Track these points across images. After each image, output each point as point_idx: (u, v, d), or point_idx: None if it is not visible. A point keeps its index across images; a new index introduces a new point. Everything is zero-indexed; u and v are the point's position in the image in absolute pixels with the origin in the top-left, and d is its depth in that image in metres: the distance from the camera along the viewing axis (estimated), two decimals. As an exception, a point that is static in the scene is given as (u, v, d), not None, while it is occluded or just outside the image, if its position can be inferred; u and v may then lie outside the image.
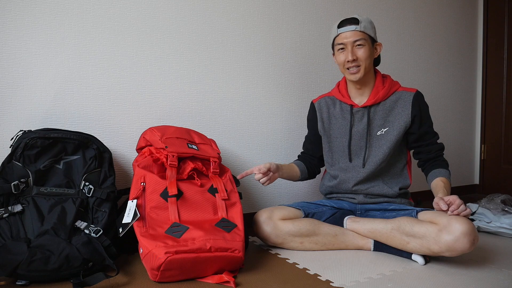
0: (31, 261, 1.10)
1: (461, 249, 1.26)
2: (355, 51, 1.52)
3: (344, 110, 1.65)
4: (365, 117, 1.60)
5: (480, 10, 2.87)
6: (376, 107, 1.59)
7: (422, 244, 1.33)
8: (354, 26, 1.51)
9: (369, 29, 1.54)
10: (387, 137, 1.58)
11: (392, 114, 1.58)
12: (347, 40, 1.52)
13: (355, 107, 1.61)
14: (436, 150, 1.60)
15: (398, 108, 1.58)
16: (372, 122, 1.59)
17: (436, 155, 1.59)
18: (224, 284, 1.18)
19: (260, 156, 1.95)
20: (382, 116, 1.59)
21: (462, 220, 1.27)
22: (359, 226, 1.51)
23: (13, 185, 1.27)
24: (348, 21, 1.53)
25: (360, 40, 1.52)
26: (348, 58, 1.52)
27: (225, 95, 1.87)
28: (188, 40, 1.77)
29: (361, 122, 1.61)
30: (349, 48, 1.52)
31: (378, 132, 1.59)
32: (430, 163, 1.59)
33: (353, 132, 1.62)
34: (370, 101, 1.58)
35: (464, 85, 2.83)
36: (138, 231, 1.24)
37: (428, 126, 1.59)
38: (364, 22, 1.52)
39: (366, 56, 1.52)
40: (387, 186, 1.59)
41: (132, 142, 1.66)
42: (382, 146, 1.58)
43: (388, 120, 1.59)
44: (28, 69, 1.48)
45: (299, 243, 1.51)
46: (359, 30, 1.51)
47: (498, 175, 2.78)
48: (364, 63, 1.53)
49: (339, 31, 1.54)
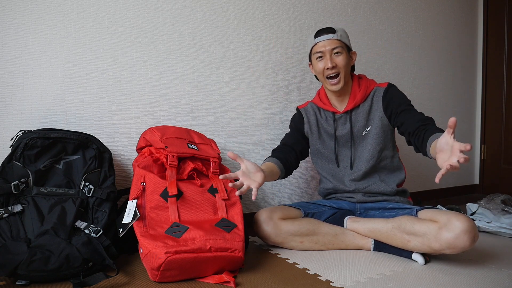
0: (31, 261, 1.10)
1: (462, 246, 1.26)
2: (333, 58, 1.55)
3: (327, 117, 1.68)
4: (348, 121, 1.63)
5: (480, 10, 2.87)
6: (356, 110, 1.62)
7: (423, 242, 1.33)
8: (331, 35, 1.55)
9: (345, 37, 1.58)
10: (371, 135, 1.60)
11: (372, 112, 1.61)
12: (325, 48, 1.55)
13: (337, 113, 1.64)
14: (423, 119, 1.43)
15: (375, 105, 1.60)
16: (355, 125, 1.62)
17: (424, 123, 1.40)
18: (224, 284, 1.18)
19: (260, 156, 1.95)
20: (364, 117, 1.61)
21: (462, 217, 1.28)
22: (359, 225, 1.51)
23: (13, 185, 1.27)
24: (325, 30, 1.57)
25: (338, 48, 1.55)
26: (328, 65, 1.54)
27: (225, 95, 1.87)
28: (188, 40, 1.77)
29: (345, 127, 1.64)
30: (327, 56, 1.55)
31: (363, 133, 1.62)
32: (421, 132, 1.38)
33: (338, 138, 1.65)
34: (349, 105, 1.62)
35: (464, 85, 2.83)
36: (138, 231, 1.24)
37: (406, 106, 1.52)
38: (339, 31, 1.57)
39: (344, 64, 1.55)
40: (384, 183, 1.60)
41: (132, 142, 1.66)
42: (367, 145, 1.61)
43: (370, 119, 1.61)
44: (28, 69, 1.48)
45: (299, 242, 1.51)
46: (336, 39, 1.55)
47: (498, 175, 2.78)
48: (343, 70, 1.55)
49: (317, 40, 1.57)
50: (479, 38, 2.88)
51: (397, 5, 2.44)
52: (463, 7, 2.80)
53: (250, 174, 1.32)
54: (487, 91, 2.85)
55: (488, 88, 2.84)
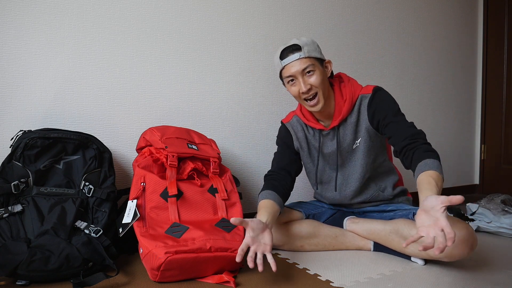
0: (31, 261, 1.10)
1: (459, 255, 1.25)
2: (306, 80, 1.38)
3: (314, 132, 1.55)
4: (335, 138, 1.50)
5: (480, 10, 2.87)
6: (344, 124, 1.48)
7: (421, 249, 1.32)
8: (298, 54, 1.37)
9: (313, 51, 1.39)
10: (360, 147, 1.48)
11: (359, 123, 1.47)
12: (295, 71, 1.38)
13: (324, 130, 1.51)
14: (411, 135, 1.32)
15: (362, 115, 1.46)
16: (344, 140, 1.49)
17: (413, 140, 1.31)
18: (224, 284, 1.18)
19: (260, 156, 1.95)
20: (352, 130, 1.48)
21: (460, 225, 1.25)
22: (358, 227, 1.51)
23: (13, 185, 1.27)
24: (289, 50, 1.39)
25: (309, 67, 1.37)
26: (302, 89, 1.38)
27: (225, 95, 1.87)
28: (188, 40, 1.77)
29: (332, 143, 1.51)
30: (299, 79, 1.38)
31: (354, 146, 1.49)
32: (409, 152, 1.30)
33: (325, 155, 1.54)
34: (336, 121, 1.47)
35: (464, 85, 2.83)
36: (138, 231, 1.24)
37: (392, 116, 1.39)
38: (306, 46, 1.38)
39: (320, 81, 1.39)
40: (381, 191, 1.55)
41: (132, 142, 1.66)
42: (357, 160, 1.50)
43: (358, 130, 1.48)
44: (28, 69, 1.48)
45: (299, 246, 1.51)
46: (304, 57, 1.37)
47: (498, 175, 2.78)
48: (320, 89, 1.39)
49: (283, 63, 1.39)
50: (479, 38, 2.88)
51: (397, 5, 2.44)
52: (463, 7, 2.80)
53: (258, 237, 1.21)
54: (487, 91, 2.85)
55: (488, 88, 2.84)
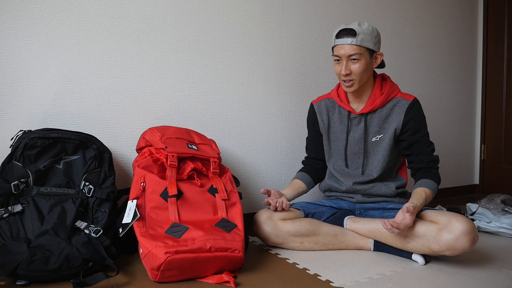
0: (31, 261, 1.10)
1: (462, 248, 1.26)
2: (349, 65, 1.47)
3: (342, 114, 1.64)
4: (362, 123, 1.58)
5: (480, 10, 2.87)
6: (373, 114, 1.57)
7: (423, 243, 1.33)
8: (350, 39, 1.45)
9: (367, 41, 1.46)
10: (382, 144, 1.57)
11: (388, 121, 1.56)
12: (342, 54, 1.47)
13: (352, 113, 1.60)
14: (428, 161, 1.53)
15: (393, 115, 1.55)
16: (368, 128, 1.58)
17: (428, 166, 1.52)
18: (224, 284, 1.18)
19: (260, 156, 1.95)
20: (378, 123, 1.57)
21: (462, 219, 1.28)
22: (359, 226, 1.51)
23: (13, 185, 1.27)
24: (345, 33, 1.47)
25: (355, 55, 1.45)
26: (342, 72, 1.48)
27: (225, 95, 1.87)
28: (188, 40, 1.77)
29: (358, 128, 1.59)
30: (343, 62, 1.48)
31: (373, 139, 1.58)
32: (421, 173, 1.52)
33: (349, 138, 1.61)
34: (367, 108, 1.56)
35: (464, 85, 2.83)
36: (138, 231, 1.24)
37: (421, 135, 1.54)
38: (361, 34, 1.45)
39: (361, 71, 1.47)
40: (385, 187, 1.58)
41: (132, 142, 1.66)
42: (377, 153, 1.58)
43: (383, 127, 1.57)
44: (28, 69, 1.48)
45: (299, 243, 1.51)
46: (355, 44, 1.45)
47: (498, 175, 2.78)
48: (358, 77, 1.48)
49: (336, 42, 1.49)
50: (479, 38, 2.88)
51: (397, 5, 2.44)
52: (463, 7, 2.80)
53: (277, 199, 1.53)
54: (487, 91, 2.85)
55: (488, 88, 2.84)
